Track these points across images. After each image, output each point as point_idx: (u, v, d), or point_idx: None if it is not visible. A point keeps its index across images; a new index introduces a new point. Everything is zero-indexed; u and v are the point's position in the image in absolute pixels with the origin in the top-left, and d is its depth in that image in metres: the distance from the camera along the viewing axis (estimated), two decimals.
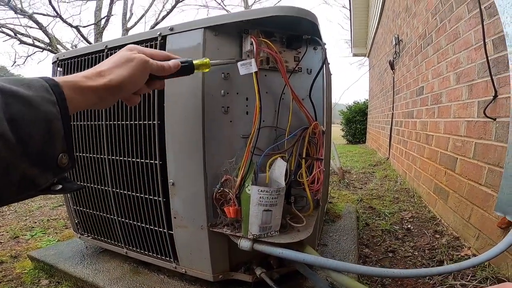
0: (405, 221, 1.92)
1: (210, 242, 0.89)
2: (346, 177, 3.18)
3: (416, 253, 1.48)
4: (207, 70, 0.68)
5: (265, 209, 0.79)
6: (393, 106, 4.00)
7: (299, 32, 0.88)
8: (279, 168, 0.81)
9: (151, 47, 0.90)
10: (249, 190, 0.78)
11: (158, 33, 0.88)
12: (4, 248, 1.61)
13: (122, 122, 0.98)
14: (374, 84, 6.74)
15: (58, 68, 1.19)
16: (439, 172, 2.00)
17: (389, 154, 4.04)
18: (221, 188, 0.83)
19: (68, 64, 1.14)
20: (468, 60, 1.64)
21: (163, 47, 0.87)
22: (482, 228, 1.36)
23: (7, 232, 1.84)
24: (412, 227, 1.81)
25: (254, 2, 15.95)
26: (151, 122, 0.90)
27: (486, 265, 1.25)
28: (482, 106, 1.42)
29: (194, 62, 0.64)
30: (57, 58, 1.18)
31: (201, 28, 0.81)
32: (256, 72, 0.76)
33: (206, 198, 0.85)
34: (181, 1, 11.31)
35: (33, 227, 1.92)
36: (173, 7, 11.26)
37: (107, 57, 1.01)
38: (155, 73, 0.56)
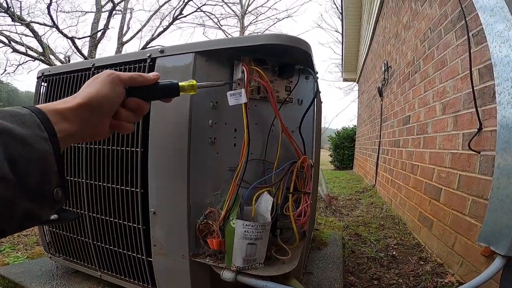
0: (390, 248, 1.92)
1: (192, 272, 0.85)
2: (333, 204, 3.18)
3: (401, 280, 1.48)
4: (193, 93, 0.64)
5: (249, 242, 0.76)
6: (380, 134, 4.03)
7: (292, 60, 0.88)
8: (265, 203, 0.79)
9: (139, 68, 0.88)
10: (234, 223, 0.76)
11: (148, 54, 0.86)
12: None
13: (103, 147, 0.94)
14: (362, 111, 6.82)
15: (43, 83, 1.15)
16: (424, 201, 2.02)
17: (375, 181, 4.07)
18: (205, 220, 0.80)
19: (54, 80, 1.11)
20: (454, 89, 1.67)
21: (152, 69, 0.85)
22: (466, 256, 1.37)
23: None
24: (397, 254, 1.81)
25: (250, 23, 16.37)
26: (134, 149, 0.87)
27: None
28: (466, 139, 1.45)
29: (180, 84, 0.61)
30: (42, 74, 1.14)
31: (192, 52, 0.80)
32: (245, 104, 0.75)
33: (189, 228, 0.82)
34: (178, 19, 11.50)
35: (1, 242, 1.81)
36: (170, 24, 11.44)
37: (93, 75, 0.98)
38: (128, 82, 0.54)
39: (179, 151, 0.79)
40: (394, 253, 1.82)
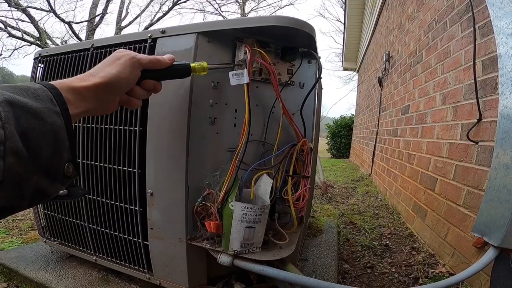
0: (384, 237, 1.94)
1: (188, 255, 0.85)
2: (329, 191, 3.20)
3: (393, 270, 1.50)
4: (204, 73, 0.66)
5: (248, 225, 0.76)
6: (378, 123, 4.03)
7: (295, 44, 0.86)
8: (264, 185, 0.78)
9: (140, 49, 0.85)
10: (232, 206, 0.75)
11: (149, 35, 0.84)
12: None
13: (101, 126, 0.92)
14: (361, 100, 6.81)
15: (40, 64, 1.11)
16: (419, 191, 2.03)
17: (371, 170, 4.09)
18: (203, 202, 0.79)
19: (51, 61, 1.07)
20: (456, 80, 1.66)
21: (152, 50, 0.83)
22: (457, 247, 1.39)
23: None
24: (390, 243, 1.83)
25: (251, 9, 16.05)
26: (132, 128, 0.85)
27: (459, 284, 1.27)
28: (465, 129, 1.45)
29: (192, 65, 0.63)
30: (39, 54, 1.11)
31: (194, 33, 0.77)
32: (247, 84, 0.73)
33: (186, 211, 0.81)
34: (178, 4, 11.23)
35: None
36: (170, 9, 11.19)
37: (92, 56, 0.95)
38: (148, 66, 0.55)
39: (178, 130, 0.77)
40: (387, 242, 1.85)
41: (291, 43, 0.85)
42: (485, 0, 1.29)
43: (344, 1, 7.74)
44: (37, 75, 1.13)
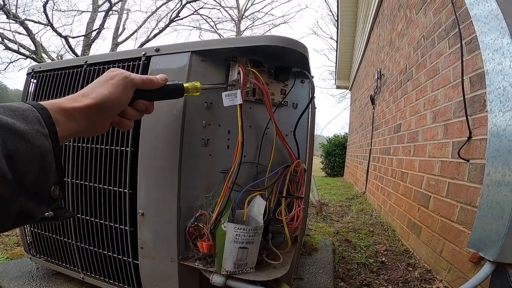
0: (380, 254, 1.93)
1: (180, 275, 0.83)
2: (323, 210, 3.18)
3: (390, 287, 1.48)
4: (197, 94, 0.65)
5: (241, 246, 0.75)
6: (371, 141, 4.04)
7: (289, 63, 0.87)
8: (258, 206, 0.78)
9: (133, 67, 0.86)
10: (225, 227, 0.74)
11: (143, 52, 0.84)
12: None
13: (92, 145, 0.91)
14: (354, 118, 6.86)
15: (32, 80, 1.11)
16: (413, 208, 2.03)
17: (365, 189, 4.09)
18: (195, 223, 0.78)
19: (44, 76, 1.07)
20: (445, 98, 1.69)
21: (146, 68, 0.83)
22: (454, 262, 1.38)
23: None
24: (386, 260, 1.82)
25: (247, 28, 16.43)
26: (123, 148, 0.84)
27: None
28: (456, 147, 1.46)
29: (185, 85, 0.62)
30: (33, 70, 1.11)
31: (188, 51, 0.78)
32: (240, 105, 0.74)
33: (178, 231, 0.79)
34: (175, 21, 11.46)
35: None
36: (166, 26, 11.40)
37: (85, 72, 0.95)
38: (140, 86, 0.55)
39: (170, 151, 0.76)
40: (383, 259, 1.83)
41: (284, 62, 0.87)
42: (470, 15, 1.33)
43: (336, 19, 7.96)
44: (29, 91, 1.12)
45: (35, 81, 1.12)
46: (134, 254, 0.88)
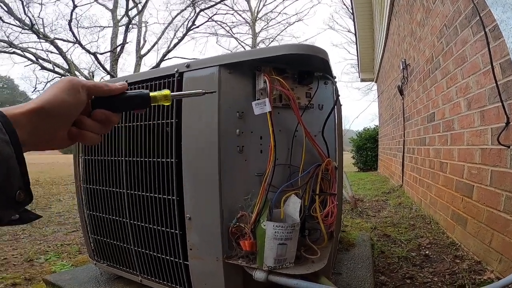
0: (423, 247, 1.87)
1: (225, 273, 0.89)
2: (358, 206, 3.13)
3: (436, 279, 1.44)
4: (167, 103, 0.60)
5: (280, 242, 0.80)
6: (404, 132, 3.93)
7: (310, 67, 0.92)
8: (293, 204, 0.83)
9: (169, 83, 0.94)
10: (264, 225, 0.80)
11: (175, 69, 0.92)
12: (18, 271, 1.64)
13: (141, 159, 1.02)
14: (383, 110, 6.66)
15: None
16: (456, 199, 1.96)
17: (402, 181, 3.96)
18: (237, 223, 0.85)
19: None
20: (477, 85, 1.63)
21: (180, 83, 0.91)
22: (504, 252, 1.33)
23: (21, 255, 1.88)
24: (430, 253, 1.77)
25: (262, 29, 16.50)
26: (169, 160, 0.93)
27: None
28: (495, 134, 1.41)
29: (152, 94, 0.57)
30: None
31: (216, 66, 0.85)
32: (270, 112, 0.80)
33: (222, 232, 0.87)
34: (192, 29, 11.80)
35: (47, 251, 1.96)
36: (184, 35, 11.77)
37: None
38: (93, 90, 0.51)
39: (210, 160, 0.84)
40: (427, 252, 1.78)
41: (306, 67, 0.92)
42: (487, 4, 1.29)
43: (351, 12, 7.76)
44: None
45: None
46: (184, 256, 0.96)
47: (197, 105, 0.88)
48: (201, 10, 11.58)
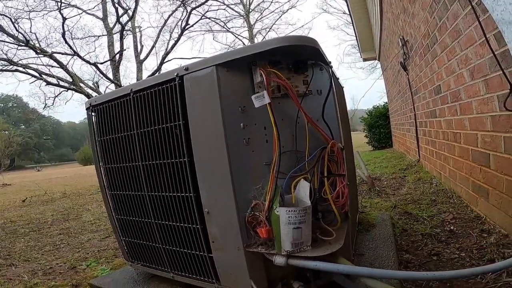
0: (447, 223, 1.84)
1: (247, 261, 0.94)
2: (376, 185, 3.10)
3: (463, 254, 1.42)
4: None
5: (294, 227, 0.84)
6: (414, 107, 3.89)
7: (304, 57, 0.96)
8: (303, 188, 0.87)
9: (171, 88, 0.99)
10: (277, 211, 0.84)
11: (175, 73, 0.97)
12: (65, 278, 1.76)
13: (157, 162, 1.08)
14: (390, 87, 6.60)
15: (92, 114, 1.32)
16: (474, 169, 1.92)
17: (419, 156, 3.90)
18: (252, 212, 0.90)
19: (100, 109, 1.27)
20: (476, 56, 1.62)
21: (182, 86, 0.96)
22: None
23: (65, 263, 2.01)
24: (455, 229, 1.74)
25: (256, 20, 16.32)
26: (182, 159, 0.99)
27: None
28: (502, 100, 1.39)
29: None
30: (90, 104, 1.32)
31: (213, 65, 0.89)
32: (269, 103, 0.84)
33: (239, 222, 0.92)
34: (186, 29, 11.68)
35: (86, 258, 2.07)
36: (180, 35, 11.55)
37: (133, 100, 1.11)
38: None
39: (219, 154, 0.89)
40: (451, 227, 1.75)
41: (299, 56, 0.95)
42: None
43: None
44: (93, 123, 1.34)
45: (94, 114, 1.32)
46: (208, 249, 1.02)
47: (201, 105, 0.93)
48: (193, 8, 11.36)
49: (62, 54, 10.10)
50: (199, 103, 0.93)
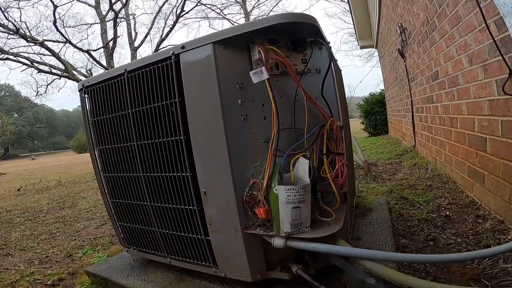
0: (443, 208, 1.85)
1: (245, 244, 0.93)
2: (372, 170, 3.11)
3: (459, 240, 1.43)
4: None
5: (293, 206, 0.82)
6: (410, 93, 3.92)
7: (302, 35, 0.93)
8: (302, 166, 0.85)
9: (167, 66, 0.96)
10: (276, 190, 0.83)
11: (171, 52, 0.95)
12: (62, 266, 1.75)
13: (152, 141, 1.06)
14: (387, 74, 6.62)
15: (85, 95, 1.28)
16: (470, 154, 1.93)
17: (415, 142, 3.93)
18: (250, 192, 0.88)
19: (94, 90, 1.23)
20: (476, 42, 1.62)
21: (178, 65, 0.93)
22: None
23: (61, 251, 2.00)
24: (451, 214, 1.75)
25: (253, 7, 16.07)
26: (177, 137, 0.97)
27: None
28: (500, 84, 1.39)
29: None
30: (83, 85, 1.27)
31: (210, 43, 0.87)
32: (268, 79, 0.82)
33: (237, 202, 0.90)
34: (182, 16, 11.48)
35: (83, 246, 2.07)
36: (175, 22, 11.41)
37: (128, 80, 1.08)
38: None
39: (216, 131, 0.87)
40: (447, 213, 1.76)
41: (298, 35, 0.93)
42: None
43: None
44: (86, 105, 1.29)
45: (87, 95, 1.28)
46: (204, 231, 1.00)
47: (197, 82, 0.90)
48: None
49: (54, 41, 9.99)
50: (195, 80, 0.90)
